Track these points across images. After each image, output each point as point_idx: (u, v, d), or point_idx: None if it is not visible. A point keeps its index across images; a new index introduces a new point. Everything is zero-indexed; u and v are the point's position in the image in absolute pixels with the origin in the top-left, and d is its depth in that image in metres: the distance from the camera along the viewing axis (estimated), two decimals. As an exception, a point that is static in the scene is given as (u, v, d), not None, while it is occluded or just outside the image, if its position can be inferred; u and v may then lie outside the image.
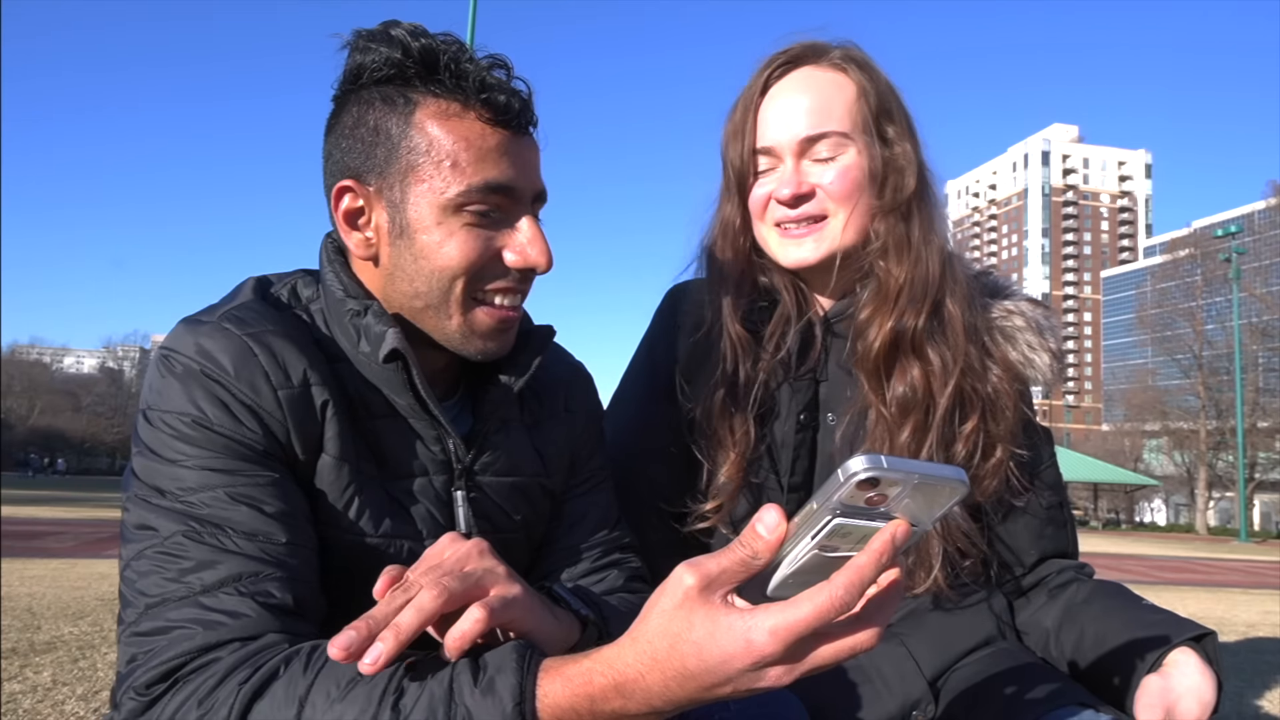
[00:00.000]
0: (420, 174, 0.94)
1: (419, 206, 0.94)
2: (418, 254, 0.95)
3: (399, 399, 0.99)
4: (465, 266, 0.95)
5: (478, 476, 1.05)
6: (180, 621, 0.78)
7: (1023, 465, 1.28)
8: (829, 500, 0.60)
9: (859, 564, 0.61)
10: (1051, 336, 1.30)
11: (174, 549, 0.81)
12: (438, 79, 0.94)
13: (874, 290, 1.26)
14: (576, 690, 0.68)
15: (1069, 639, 1.24)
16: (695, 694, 0.65)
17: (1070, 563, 1.35)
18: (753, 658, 0.62)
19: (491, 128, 0.94)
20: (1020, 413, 1.28)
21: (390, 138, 0.95)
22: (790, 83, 1.27)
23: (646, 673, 0.66)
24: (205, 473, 0.85)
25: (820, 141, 1.24)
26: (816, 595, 0.61)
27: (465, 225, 0.94)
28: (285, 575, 0.83)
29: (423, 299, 0.97)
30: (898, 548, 0.61)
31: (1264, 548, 32.61)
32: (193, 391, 0.87)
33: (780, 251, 1.29)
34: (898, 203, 1.26)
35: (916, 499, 0.61)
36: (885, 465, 0.58)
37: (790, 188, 1.24)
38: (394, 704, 0.70)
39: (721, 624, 0.63)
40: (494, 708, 0.68)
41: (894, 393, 1.23)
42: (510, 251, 0.97)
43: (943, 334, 1.25)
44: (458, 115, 0.94)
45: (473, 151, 0.93)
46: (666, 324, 1.39)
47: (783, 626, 0.61)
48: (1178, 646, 1.11)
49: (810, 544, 0.62)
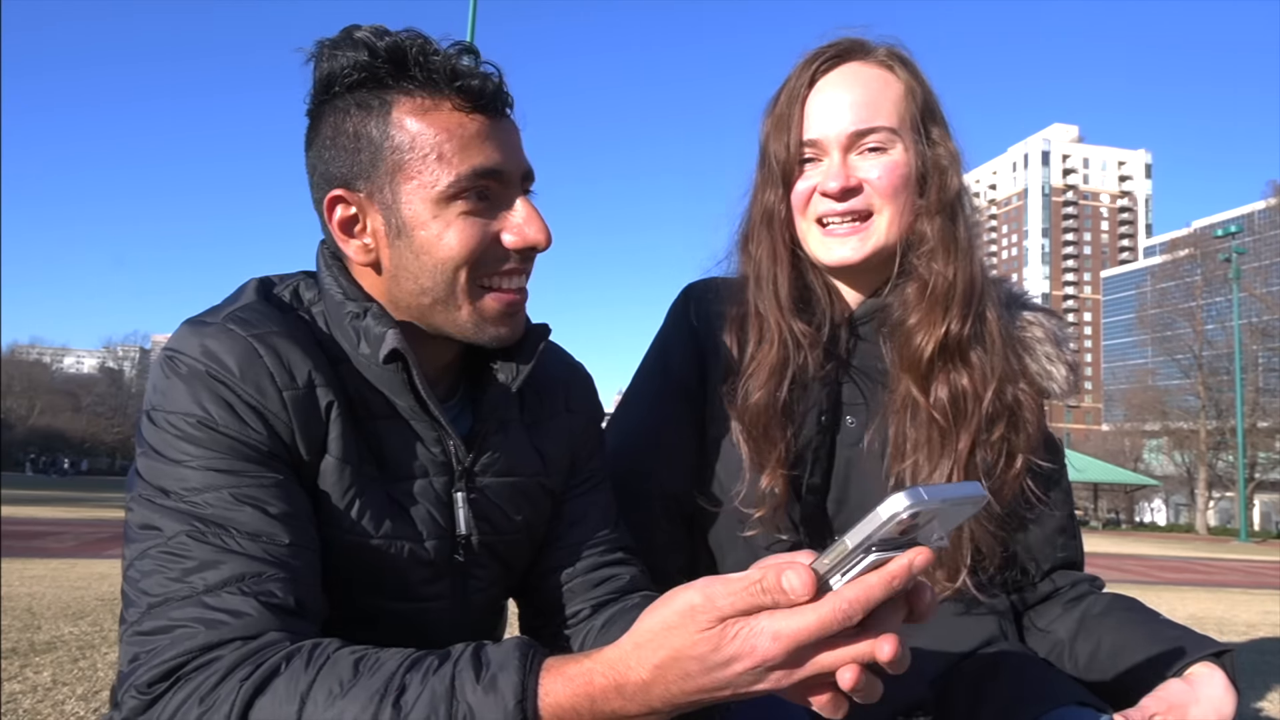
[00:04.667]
0: (408, 172, 0.94)
1: (412, 204, 0.94)
2: (418, 251, 0.95)
3: (400, 400, 0.99)
4: (467, 255, 0.95)
5: (478, 478, 1.05)
6: (183, 621, 0.78)
7: (1039, 477, 1.28)
8: (868, 540, 0.60)
9: (869, 583, 0.62)
10: (1067, 349, 1.29)
11: (177, 549, 0.82)
12: (409, 75, 0.94)
13: (920, 292, 1.23)
14: (577, 689, 0.68)
15: (1084, 650, 1.24)
16: (695, 696, 0.66)
17: (1083, 575, 1.35)
18: (755, 661, 0.63)
19: (469, 115, 0.95)
20: (1041, 425, 1.27)
21: (372, 141, 0.95)
22: (838, 76, 1.25)
23: (647, 675, 0.66)
24: (209, 473, 0.85)
25: (868, 136, 1.22)
26: (822, 606, 0.62)
27: (461, 215, 0.94)
28: (288, 576, 0.83)
29: (430, 295, 0.97)
30: (913, 574, 0.62)
31: (1264, 548, 32.59)
32: (198, 392, 0.87)
33: (821, 249, 1.26)
34: (944, 203, 1.24)
35: (942, 520, 0.62)
36: (925, 498, 0.58)
37: (838, 180, 1.21)
38: (395, 700, 0.70)
39: (727, 634, 0.64)
40: (495, 705, 0.69)
41: (937, 395, 1.21)
42: (508, 233, 0.97)
43: (983, 339, 1.24)
44: (434, 108, 0.94)
45: (455, 141, 0.93)
46: (681, 322, 1.36)
47: (786, 633, 0.62)
48: (1202, 660, 1.10)
49: (841, 581, 0.63)
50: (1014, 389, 1.25)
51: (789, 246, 1.29)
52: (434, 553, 1.01)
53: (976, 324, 1.23)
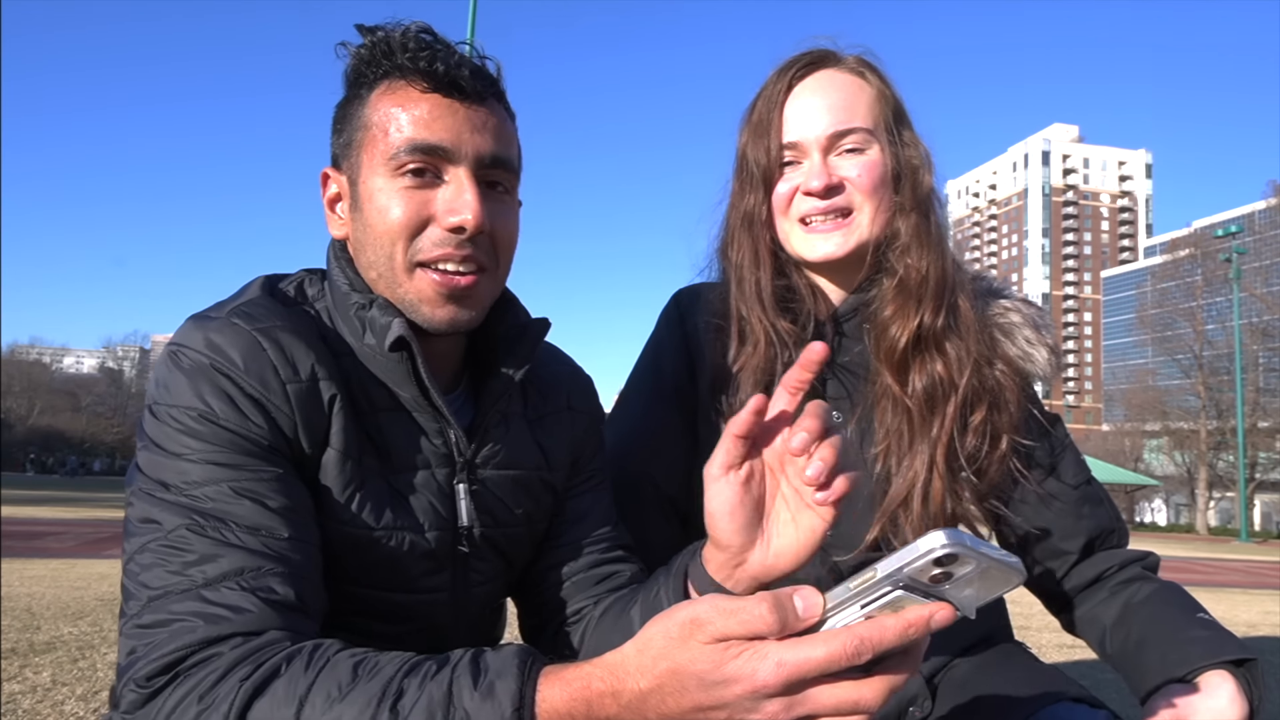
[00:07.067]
0: (369, 147, 0.99)
1: (368, 177, 0.99)
2: (367, 222, 0.99)
3: (403, 391, 1.00)
4: (400, 227, 0.97)
5: (479, 470, 1.06)
6: (182, 614, 0.78)
7: (1025, 456, 1.30)
8: (898, 571, 0.58)
9: (885, 625, 0.60)
10: (1048, 333, 1.33)
11: (177, 542, 0.82)
12: (392, 62, 1.00)
13: (896, 286, 1.28)
14: (574, 694, 0.68)
15: (1118, 638, 1.25)
16: (689, 713, 0.65)
17: (1134, 554, 1.35)
18: (754, 685, 0.61)
19: (425, 93, 0.98)
20: (1023, 405, 1.30)
21: (351, 121, 1.02)
22: (814, 82, 1.30)
23: (645, 685, 0.65)
24: (210, 467, 0.86)
25: (846, 137, 1.27)
26: (831, 640, 0.60)
27: (402, 189, 0.97)
28: (288, 570, 0.84)
29: (375, 268, 1.00)
30: (931, 629, 0.60)
31: (1264, 548, 32.64)
32: (200, 386, 0.88)
33: (805, 246, 1.29)
34: (918, 200, 1.29)
35: (976, 585, 0.60)
36: (966, 543, 0.56)
37: (821, 179, 1.26)
38: (392, 705, 0.70)
39: (730, 652, 0.62)
40: (493, 712, 0.68)
41: (915, 386, 1.25)
42: (442, 212, 0.97)
43: (957, 328, 1.28)
44: (401, 88, 0.99)
45: (407, 115, 0.97)
46: (672, 328, 1.39)
47: (790, 661, 0.60)
48: (1215, 668, 1.10)
49: (860, 613, 0.61)
50: (992, 372, 1.29)
51: (770, 248, 1.33)
52: (435, 544, 1.02)
53: (950, 315, 1.28)
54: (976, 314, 1.31)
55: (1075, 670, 2.84)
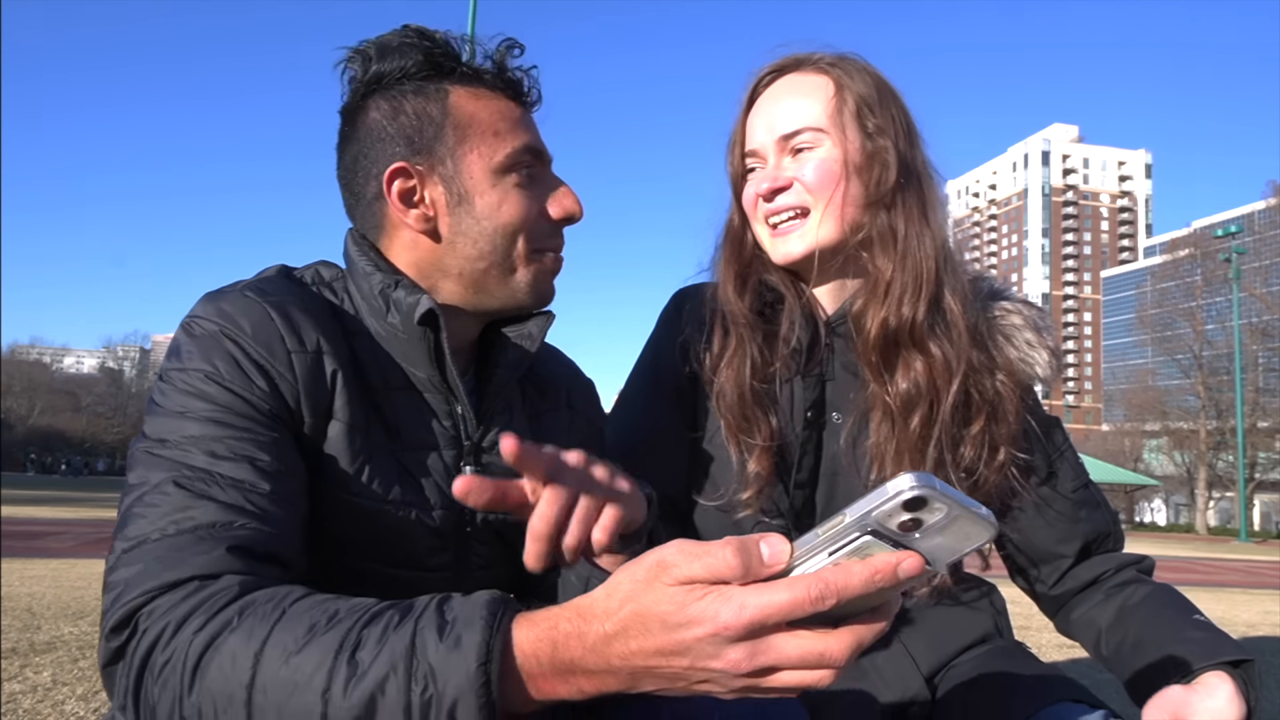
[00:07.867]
0: (468, 145, 1.04)
1: (473, 174, 1.04)
2: (479, 216, 1.05)
3: (417, 371, 1.04)
4: (524, 221, 1.06)
5: (485, 455, 1.08)
6: (147, 560, 0.78)
7: (1023, 468, 1.30)
8: (865, 515, 0.57)
9: (850, 570, 0.59)
10: (1049, 335, 1.33)
11: (159, 497, 0.83)
12: (463, 67, 1.06)
13: (866, 283, 1.28)
14: (540, 635, 0.66)
15: (1114, 640, 1.25)
16: (652, 661, 0.63)
17: (1130, 557, 1.35)
18: (716, 627, 0.60)
19: (513, 103, 1.08)
20: (1021, 416, 1.29)
21: (433, 120, 1.05)
22: (773, 90, 1.32)
23: (610, 628, 0.64)
24: (207, 424, 0.87)
25: (795, 137, 1.27)
26: (795, 584, 0.59)
27: (514, 186, 1.06)
28: (266, 528, 0.84)
29: (487, 259, 1.05)
30: (899, 578, 0.58)
31: (1264, 548, 32.66)
32: (209, 351, 0.91)
33: (771, 248, 1.32)
34: (880, 194, 1.27)
35: (947, 534, 0.59)
36: (936, 487, 0.56)
37: (768, 182, 1.28)
38: (350, 657, 0.67)
39: (694, 594, 0.61)
40: (458, 665, 0.65)
41: (897, 387, 1.25)
42: (553, 205, 1.09)
43: (945, 329, 1.26)
44: (487, 95, 1.07)
45: (506, 122, 1.06)
46: (671, 326, 1.40)
47: (753, 604, 0.59)
48: (1214, 669, 1.10)
49: (826, 560, 0.60)
50: (992, 382, 1.28)
51: (750, 251, 1.35)
52: (441, 522, 1.04)
53: (932, 313, 1.26)
54: (976, 318, 1.29)
55: (1075, 670, 2.85)
